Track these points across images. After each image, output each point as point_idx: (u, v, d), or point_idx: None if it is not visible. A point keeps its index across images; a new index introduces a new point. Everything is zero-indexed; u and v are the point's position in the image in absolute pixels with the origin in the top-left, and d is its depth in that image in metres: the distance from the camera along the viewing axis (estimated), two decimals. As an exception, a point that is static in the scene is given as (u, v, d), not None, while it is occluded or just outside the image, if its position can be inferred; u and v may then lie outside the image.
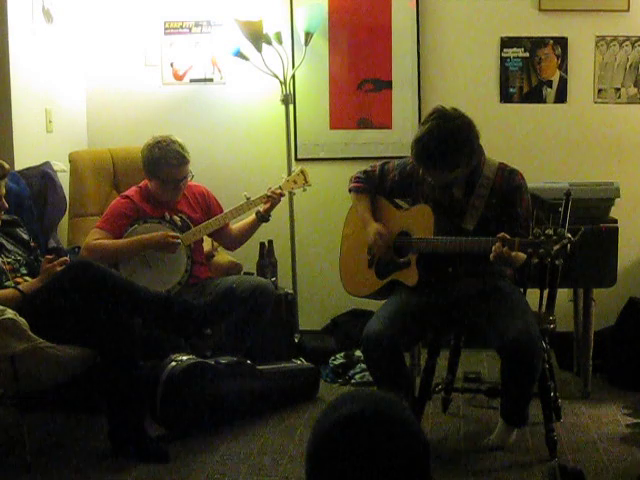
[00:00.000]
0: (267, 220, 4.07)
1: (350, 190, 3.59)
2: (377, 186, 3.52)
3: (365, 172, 3.56)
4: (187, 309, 3.58)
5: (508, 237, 3.03)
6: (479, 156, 3.28)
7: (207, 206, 4.10)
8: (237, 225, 4.14)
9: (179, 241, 3.86)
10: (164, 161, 3.89)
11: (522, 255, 3.04)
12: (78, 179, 4.48)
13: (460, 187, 3.32)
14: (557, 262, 3.09)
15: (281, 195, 4.04)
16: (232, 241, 4.16)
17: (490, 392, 3.62)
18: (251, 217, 4.09)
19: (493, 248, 3.05)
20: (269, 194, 4.00)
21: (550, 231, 2.96)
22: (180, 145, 3.92)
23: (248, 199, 4.00)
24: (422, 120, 3.31)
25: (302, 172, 4.11)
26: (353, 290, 3.65)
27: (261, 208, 4.03)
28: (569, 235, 2.96)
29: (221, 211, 4.09)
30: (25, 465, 3.21)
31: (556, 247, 2.93)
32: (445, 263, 3.32)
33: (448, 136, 3.14)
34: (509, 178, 3.30)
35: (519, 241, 3.02)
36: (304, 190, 4.14)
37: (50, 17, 4.56)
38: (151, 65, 4.95)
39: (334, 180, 4.69)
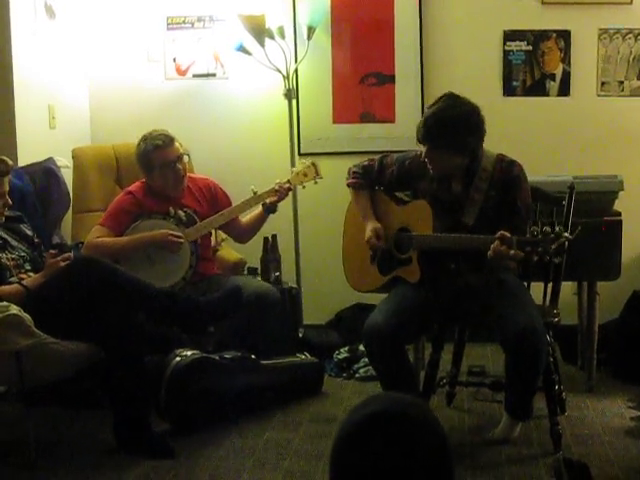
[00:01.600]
0: (274, 211, 4.06)
1: (348, 185, 3.58)
2: (375, 179, 3.50)
3: (363, 167, 3.54)
4: (192, 305, 3.58)
5: (507, 235, 3.01)
6: (480, 147, 3.27)
7: (213, 198, 4.09)
8: (246, 218, 4.14)
9: (182, 240, 3.85)
10: (151, 146, 3.91)
11: (520, 253, 3.02)
12: (81, 175, 4.49)
13: (459, 181, 3.30)
14: (556, 260, 3.08)
15: (289, 189, 4.04)
16: (242, 233, 4.16)
17: (494, 386, 3.62)
18: (258, 210, 4.08)
19: (492, 247, 3.03)
20: (277, 188, 3.99)
21: (548, 229, 2.95)
22: (163, 130, 3.98)
23: (255, 193, 3.99)
24: (431, 103, 3.28)
25: (313, 164, 4.09)
26: (357, 285, 3.64)
27: (268, 200, 4.02)
28: (566, 234, 2.95)
29: (229, 203, 4.08)
30: (29, 461, 3.22)
31: (554, 245, 2.92)
32: (447, 259, 3.31)
33: (460, 116, 3.15)
34: (508, 169, 3.28)
35: (517, 239, 3.00)
36: (315, 183, 4.11)
37: (52, 13, 4.55)
38: (154, 60, 4.95)
39: (337, 174, 4.63)
